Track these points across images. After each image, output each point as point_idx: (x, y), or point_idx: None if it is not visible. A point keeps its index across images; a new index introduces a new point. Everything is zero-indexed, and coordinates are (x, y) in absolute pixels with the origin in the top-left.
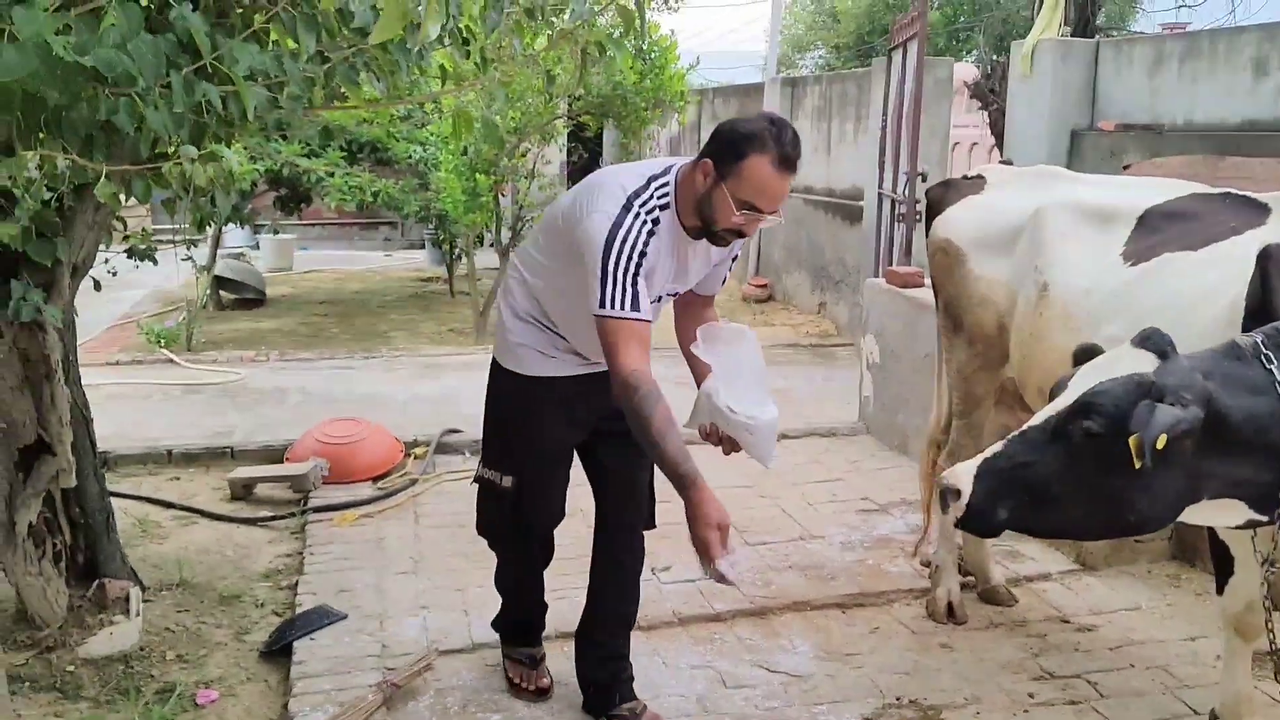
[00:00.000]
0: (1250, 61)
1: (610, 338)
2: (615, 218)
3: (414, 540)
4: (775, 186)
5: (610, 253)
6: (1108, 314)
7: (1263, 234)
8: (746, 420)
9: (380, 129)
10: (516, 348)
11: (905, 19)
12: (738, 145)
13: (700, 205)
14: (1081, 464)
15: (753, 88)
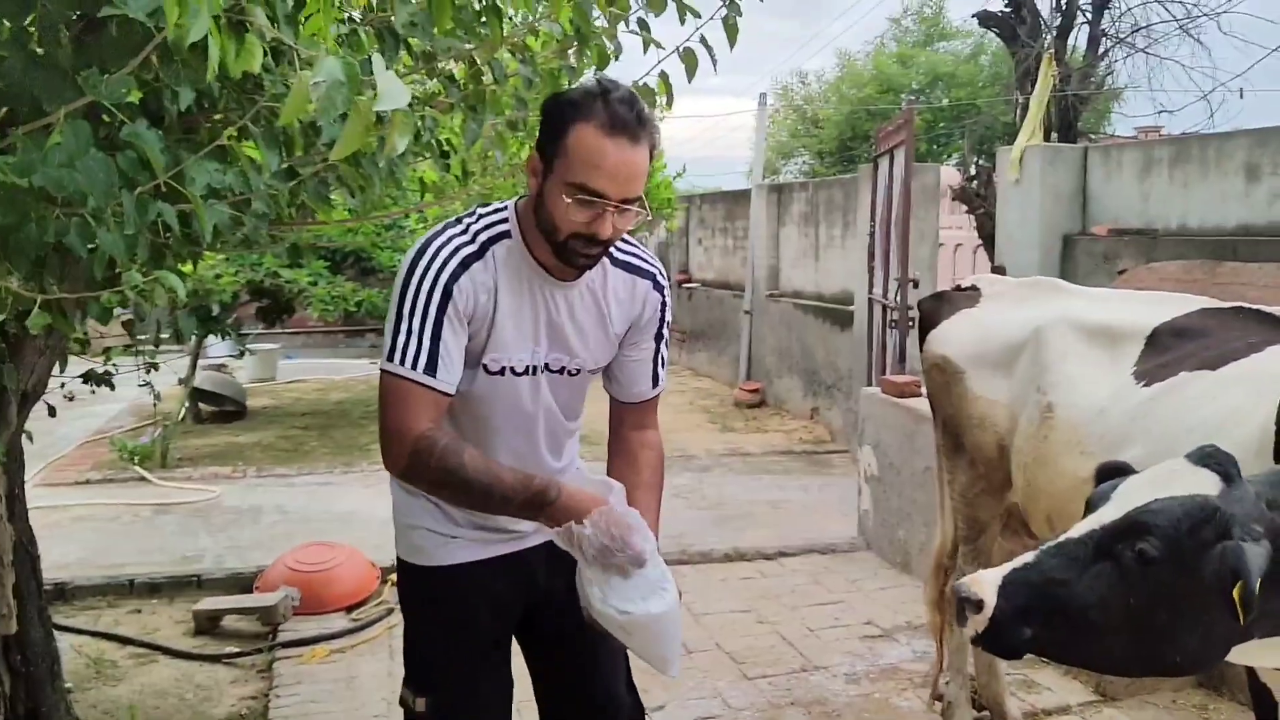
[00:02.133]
0: (1242, 166)
1: (388, 398)
2: (419, 245)
3: (388, 678)
4: (612, 158)
5: (408, 287)
6: (1124, 437)
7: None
8: (618, 617)
9: (365, 239)
10: (408, 531)
11: (891, 126)
12: (560, 117)
13: (538, 215)
14: (1127, 591)
15: (740, 194)
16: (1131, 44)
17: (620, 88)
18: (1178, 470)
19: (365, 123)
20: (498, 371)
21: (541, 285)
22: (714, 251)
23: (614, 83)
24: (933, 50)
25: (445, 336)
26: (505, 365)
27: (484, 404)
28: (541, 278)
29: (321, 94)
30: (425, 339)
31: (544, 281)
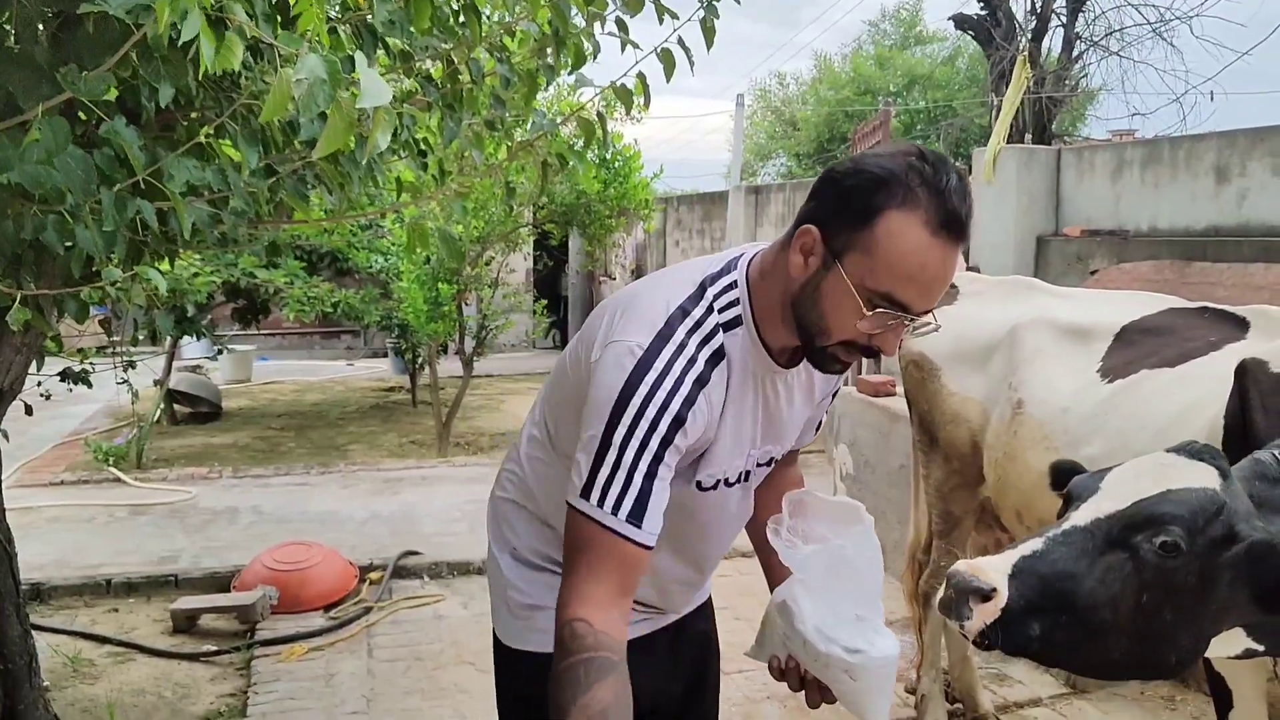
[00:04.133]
0: (1211, 168)
1: (579, 549)
2: (645, 352)
3: (366, 675)
4: (935, 267)
5: (625, 410)
6: (1086, 433)
7: (1241, 348)
8: (846, 657)
9: (341, 239)
10: (529, 613)
11: (868, 127)
12: (866, 197)
13: (799, 306)
14: (1141, 587)
15: (718, 195)
16: (1105, 47)
17: (950, 166)
18: (1172, 463)
19: (347, 120)
20: (711, 487)
21: (766, 376)
22: (691, 253)
23: (941, 159)
24: (910, 53)
25: (661, 475)
26: (720, 479)
27: (681, 521)
28: (767, 369)
29: (303, 91)
30: (637, 477)
31: (769, 372)
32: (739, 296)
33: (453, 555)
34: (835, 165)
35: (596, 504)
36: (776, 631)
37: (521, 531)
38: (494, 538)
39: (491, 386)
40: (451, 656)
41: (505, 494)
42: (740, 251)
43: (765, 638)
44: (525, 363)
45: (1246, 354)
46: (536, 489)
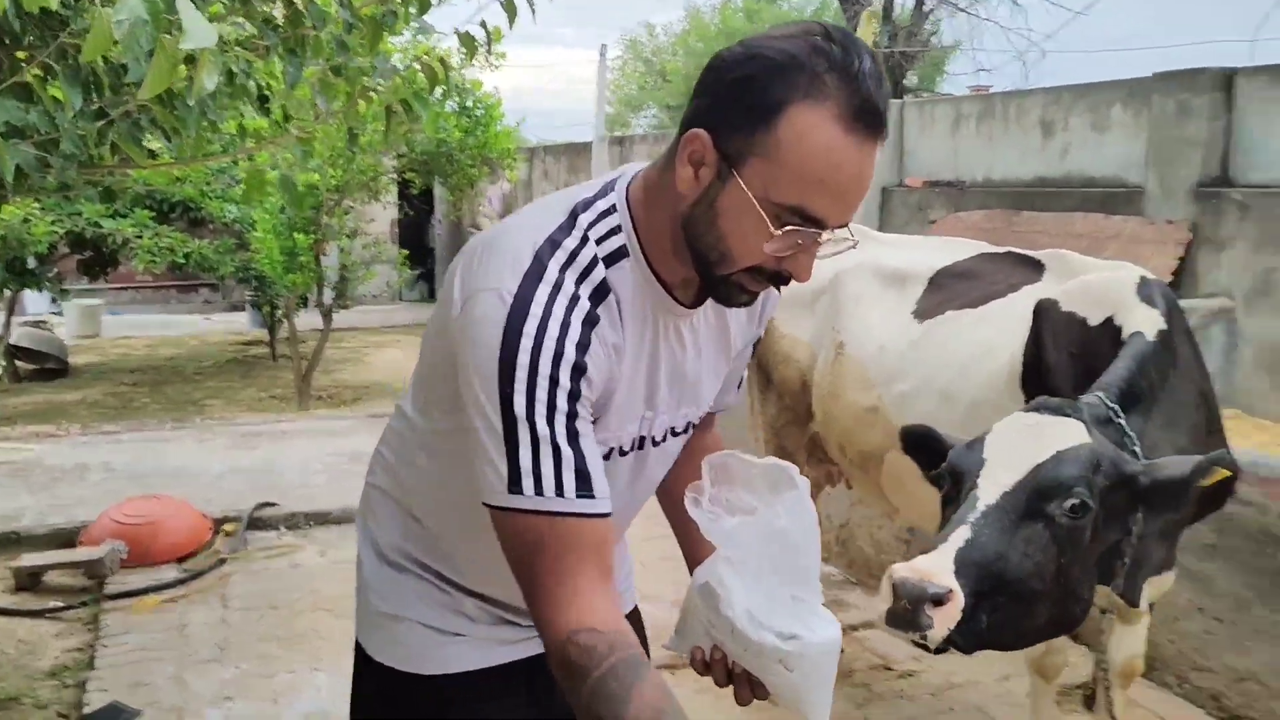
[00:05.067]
0: (1038, 123)
1: (534, 553)
2: (515, 298)
3: (220, 625)
4: (851, 167)
5: (514, 375)
6: (898, 371)
7: (1037, 290)
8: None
9: (193, 188)
10: (388, 623)
11: None
12: (763, 89)
13: (691, 228)
14: (1059, 551)
15: (583, 146)
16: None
17: (861, 46)
18: (1041, 423)
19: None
20: (604, 457)
21: (663, 319)
22: None
23: (850, 37)
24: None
25: (584, 431)
26: (614, 446)
27: None
28: (666, 310)
29: (124, 32)
30: (563, 445)
31: (666, 313)
32: (619, 223)
33: (311, 506)
34: (723, 51)
35: (534, 493)
36: (699, 618)
37: (386, 524)
38: (360, 529)
39: (355, 340)
40: (308, 604)
41: (373, 480)
42: (619, 172)
43: (686, 627)
44: (390, 315)
45: (1041, 295)
46: (404, 475)
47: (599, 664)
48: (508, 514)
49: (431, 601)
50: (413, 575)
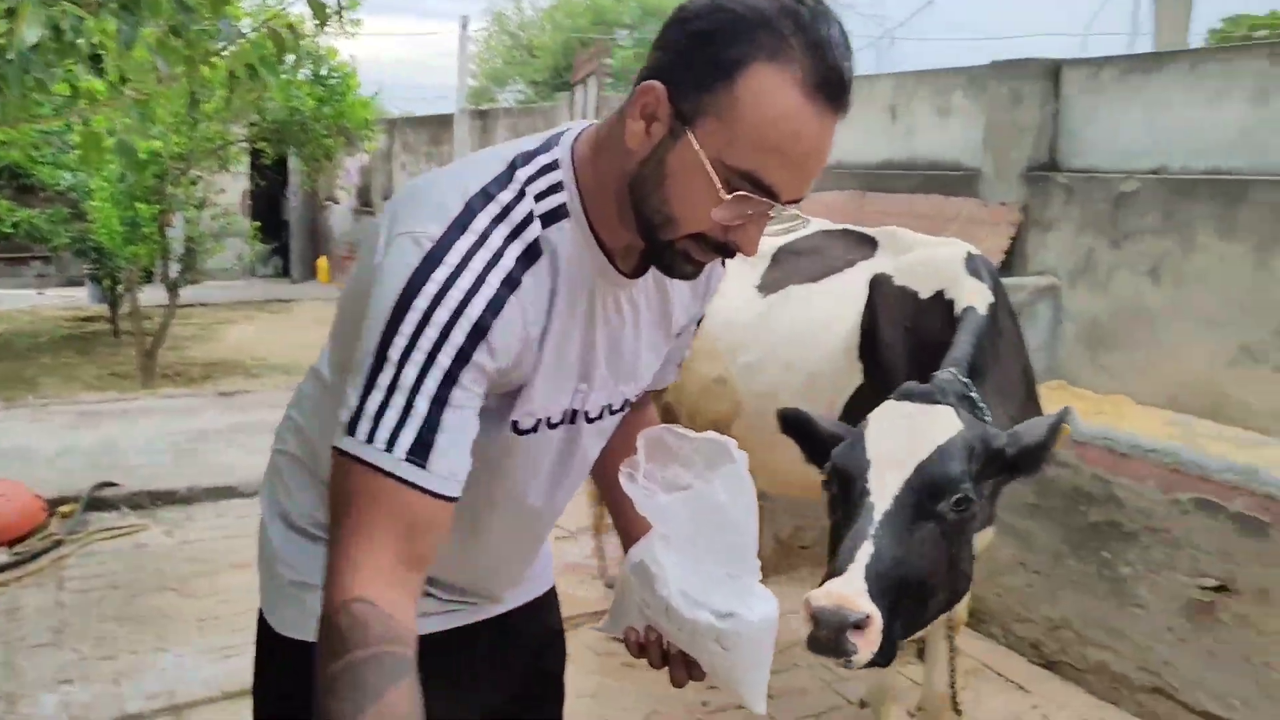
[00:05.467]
0: (887, 107)
1: (346, 504)
2: (435, 244)
3: (56, 608)
4: (811, 138)
5: (405, 316)
6: (743, 343)
7: (871, 265)
8: (717, 623)
9: (21, 152)
10: (301, 593)
11: (586, 56)
12: (726, 44)
13: (638, 187)
14: (949, 544)
15: (444, 118)
16: None
17: (832, 14)
18: (914, 414)
19: None
20: (530, 429)
21: (603, 287)
22: None
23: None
24: None
25: (457, 401)
26: (541, 418)
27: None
28: (607, 279)
29: None
30: (420, 402)
31: (606, 281)
32: (561, 180)
33: (156, 485)
34: (688, 2)
35: (365, 440)
36: (633, 599)
37: (297, 493)
38: (266, 499)
39: (206, 315)
40: (153, 584)
41: (282, 446)
42: (565, 127)
43: (621, 608)
44: (243, 290)
45: (875, 269)
46: (318, 438)
47: (365, 645)
48: (338, 457)
49: None
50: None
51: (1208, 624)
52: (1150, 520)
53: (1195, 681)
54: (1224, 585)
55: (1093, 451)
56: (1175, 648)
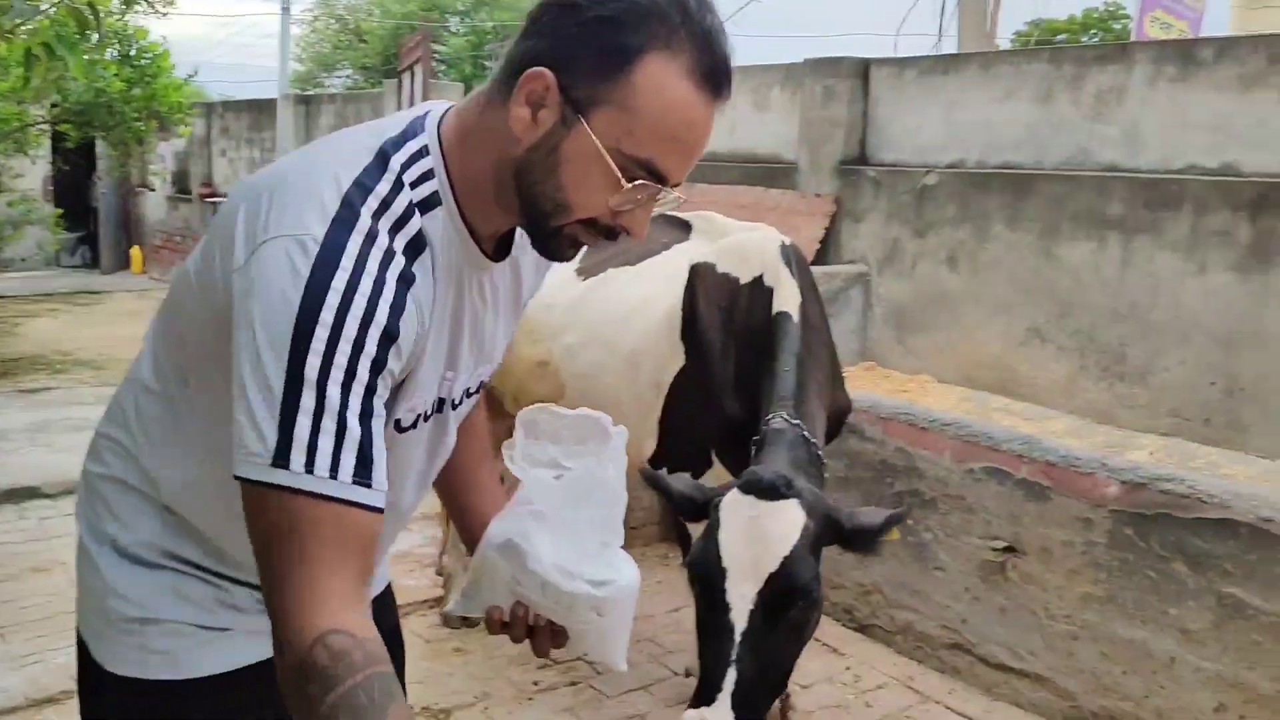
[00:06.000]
0: None
1: (289, 538)
2: (323, 247)
3: None
4: (701, 125)
5: (313, 332)
6: (565, 325)
7: (686, 248)
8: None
9: None
10: (139, 628)
11: (411, 42)
12: (622, 33)
13: (526, 175)
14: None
15: (266, 103)
16: None
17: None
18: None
19: None
20: (410, 425)
21: (470, 273)
22: (240, 163)
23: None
24: None
25: (378, 411)
26: (420, 412)
27: None
28: (471, 261)
29: None
30: (351, 421)
31: (473, 267)
32: (432, 166)
33: None
34: None
35: (304, 470)
36: (499, 578)
37: (130, 519)
38: (86, 526)
39: (6, 308)
40: None
41: (103, 469)
42: (424, 109)
43: (478, 588)
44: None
45: (690, 252)
46: (154, 463)
47: (353, 673)
48: (264, 490)
49: (195, 597)
50: (169, 571)
51: (999, 582)
52: (947, 489)
53: (989, 636)
54: (1012, 546)
55: (896, 426)
56: (971, 606)
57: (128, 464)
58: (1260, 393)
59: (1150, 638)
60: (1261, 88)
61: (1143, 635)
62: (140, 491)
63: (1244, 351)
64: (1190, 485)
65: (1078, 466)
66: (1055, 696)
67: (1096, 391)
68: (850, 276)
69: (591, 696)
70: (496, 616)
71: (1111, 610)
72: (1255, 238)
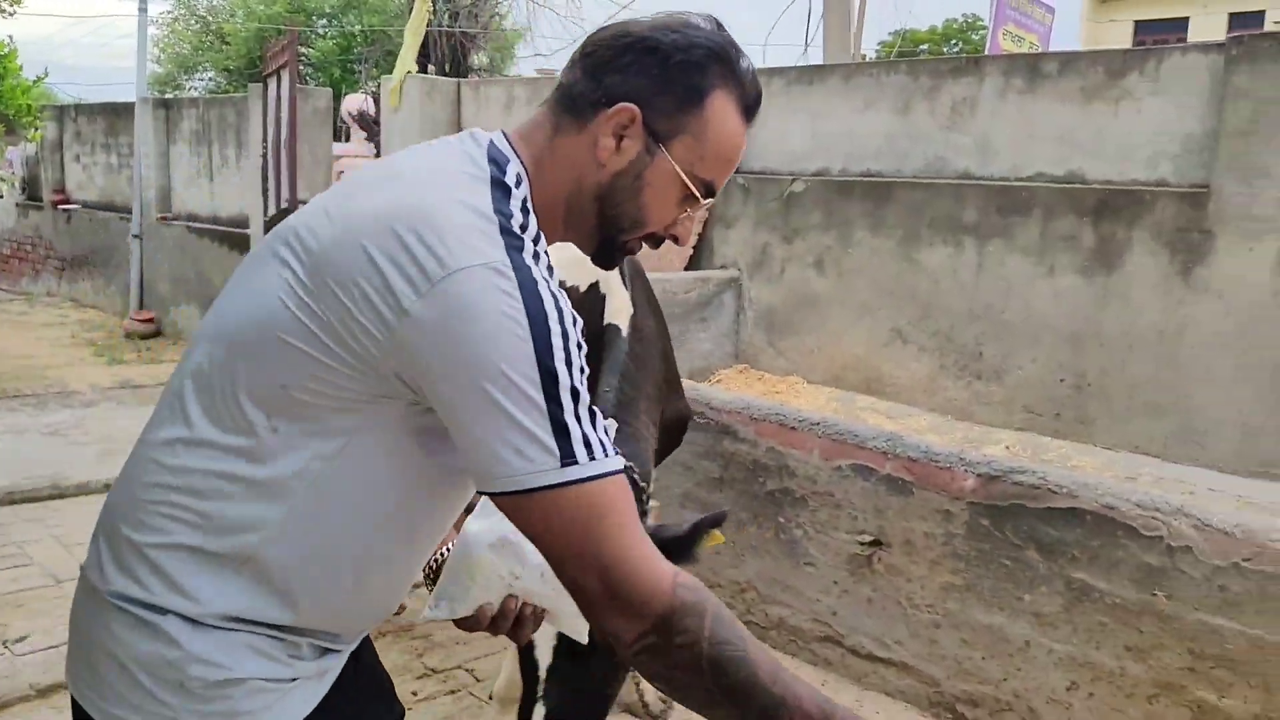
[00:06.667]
0: None
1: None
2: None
3: None
4: (741, 150)
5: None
6: None
7: None
8: None
9: None
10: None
11: (277, 46)
12: (699, 74)
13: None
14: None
15: (122, 106)
16: None
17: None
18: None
19: None
20: None
21: None
22: (95, 169)
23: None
24: None
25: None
26: None
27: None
28: None
29: None
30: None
31: None
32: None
33: None
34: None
35: (589, 459)
36: (494, 574)
37: (207, 589)
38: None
39: None
40: None
41: (166, 539)
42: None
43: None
44: None
45: None
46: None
47: (710, 598)
48: (560, 490)
49: (268, 651)
50: (243, 633)
51: (866, 575)
52: (816, 486)
53: (858, 627)
54: (878, 540)
55: (768, 427)
56: (840, 599)
57: (206, 528)
58: (1104, 388)
59: (1006, 623)
60: (1100, 100)
61: (1000, 621)
62: (214, 554)
63: (1089, 349)
64: (1041, 477)
65: (937, 461)
66: (920, 683)
67: (955, 390)
68: (722, 281)
69: (471, 704)
70: (489, 613)
71: (970, 598)
72: (1098, 242)
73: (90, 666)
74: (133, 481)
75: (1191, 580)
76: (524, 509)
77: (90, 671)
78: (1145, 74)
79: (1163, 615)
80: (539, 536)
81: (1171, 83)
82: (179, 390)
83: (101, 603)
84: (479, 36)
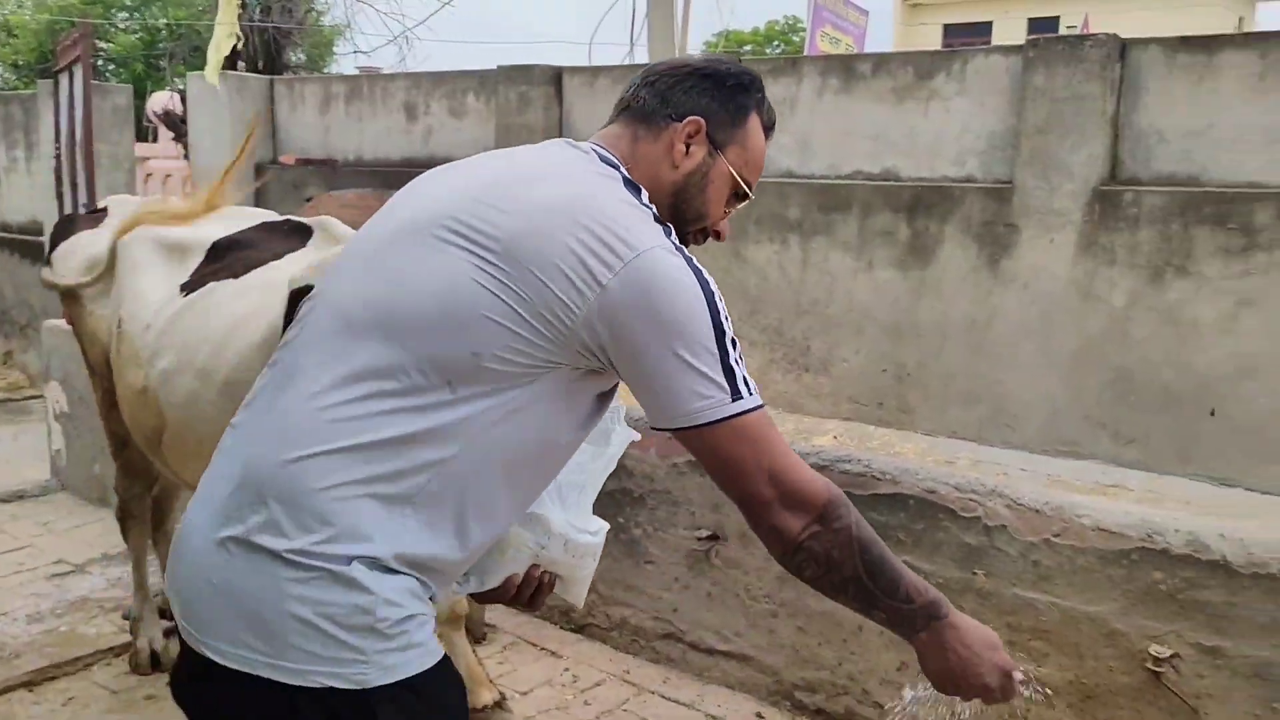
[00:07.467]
0: (403, 106)
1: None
2: (678, 250)
3: None
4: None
5: (719, 307)
6: (161, 348)
7: (298, 257)
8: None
9: None
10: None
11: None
12: (745, 97)
13: (684, 193)
14: None
15: None
16: None
17: None
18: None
19: None
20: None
21: None
22: None
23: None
24: None
25: None
26: None
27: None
28: None
29: None
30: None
31: None
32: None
33: None
34: (701, 62)
35: (749, 393)
36: (523, 546)
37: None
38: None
39: None
40: None
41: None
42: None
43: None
44: None
45: (302, 261)
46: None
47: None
48: (728, 422)
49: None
50: (407, 575)
51: (705, 570)
52: (654, 484)
53: (699, 622)
54: (715, 534)
55: None
56: (681, 595)
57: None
58: (922, 377)
59: (838, 609)
60: (912, 100)
61: (832, 607)
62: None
63: (907, 340)
64: (866, 464)
65: None
66: (760, 673)
67: (786, 382)
68: None
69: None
70: (514, 583)
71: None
72: (912, 237)
73: (256, 627)
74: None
75: (1008, 557)
76: (705, 438)
77: (254, 632)
78: (952, 75)
79: (983, 592)
80: (719, 459)
81: (976, 83)
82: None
83: (275, 563)
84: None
